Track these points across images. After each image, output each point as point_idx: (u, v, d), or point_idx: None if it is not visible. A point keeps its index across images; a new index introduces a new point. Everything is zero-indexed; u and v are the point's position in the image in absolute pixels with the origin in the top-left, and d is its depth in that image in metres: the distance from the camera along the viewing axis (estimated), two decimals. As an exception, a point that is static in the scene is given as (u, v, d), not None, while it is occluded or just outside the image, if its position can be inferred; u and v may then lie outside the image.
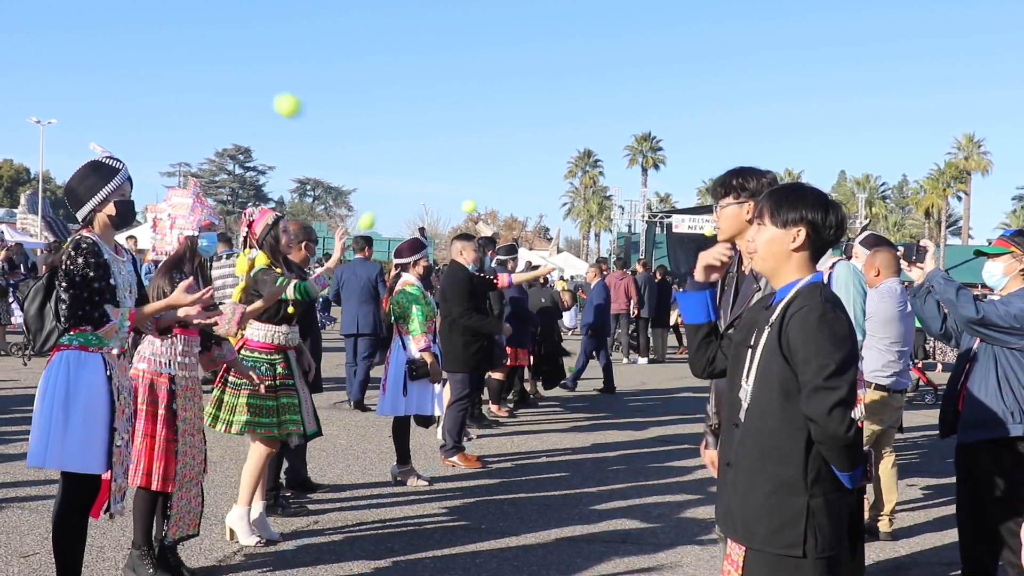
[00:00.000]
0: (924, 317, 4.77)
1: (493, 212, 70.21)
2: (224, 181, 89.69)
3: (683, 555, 5.44)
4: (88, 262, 3.90)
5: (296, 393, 5.42)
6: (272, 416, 5.28)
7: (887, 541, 5.90)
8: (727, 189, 3.47)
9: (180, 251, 4.61)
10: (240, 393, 5.23)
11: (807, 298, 2.57)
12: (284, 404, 5.33)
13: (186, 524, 4.68)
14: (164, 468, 4.48)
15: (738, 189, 3.43)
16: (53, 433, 3.87)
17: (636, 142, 70.23)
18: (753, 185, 3.40)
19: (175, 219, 4.61)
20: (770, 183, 3.38)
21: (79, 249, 3.92)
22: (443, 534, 5.68)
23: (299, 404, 5.41)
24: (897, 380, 5.89)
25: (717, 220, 3.53)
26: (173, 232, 4.60)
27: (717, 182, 3.53)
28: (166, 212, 4.63)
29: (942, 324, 4.82)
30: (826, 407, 2.44)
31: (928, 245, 4.61)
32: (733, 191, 3.45)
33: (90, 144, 4.14)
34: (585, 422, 10.32)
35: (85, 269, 3.89)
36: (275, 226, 5.42)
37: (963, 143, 62.45)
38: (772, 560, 2.55)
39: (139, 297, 4.22)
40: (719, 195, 3.50)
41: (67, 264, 3.90)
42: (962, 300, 4.45)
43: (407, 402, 6.89)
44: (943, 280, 4.50)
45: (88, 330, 3.95)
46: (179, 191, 4.74)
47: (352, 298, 10.53)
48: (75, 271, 3.89)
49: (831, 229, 2.67)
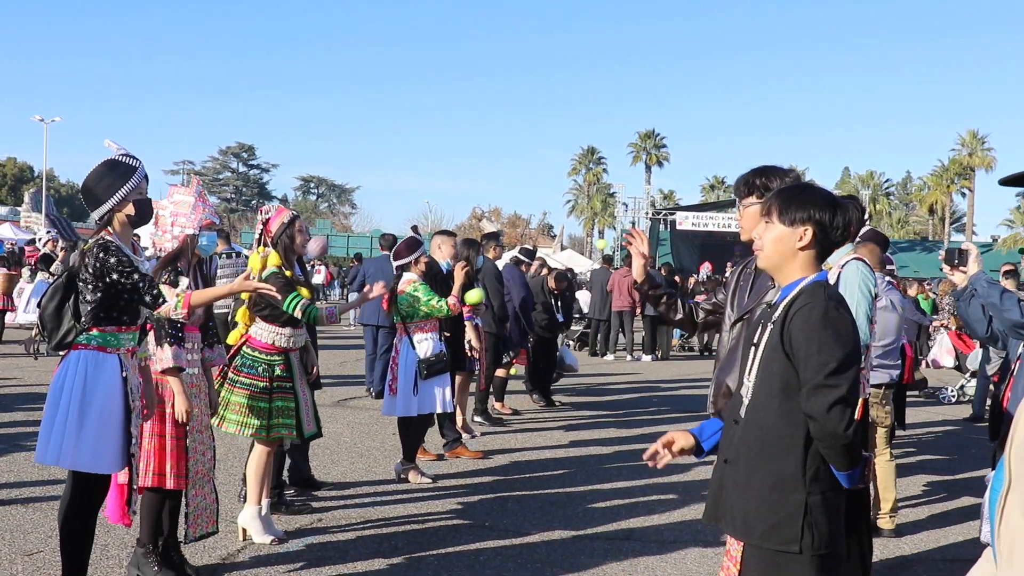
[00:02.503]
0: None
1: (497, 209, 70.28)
2: (228, 179, 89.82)
3: (687, 553, 5.43)
4: (117, 260, 3.91)
5: (294, 396, 5.39)
6: (263, 418, 5.24)
7: (891, 538, 5.89)
8: (751, 188, 3.47)
9: (179, 248, 4.59)
10: (235, 390, 5.23)
11: (810, 296, 2.58)
12: (278, 407, 5.29)
13: (204, 521, 4.69)
14: (177, 466, 4.48)
15: (762, 188, 3.43)
16: (68, 432, 3.88)
17: (640, 139, 70.16)
18: (776, 184, 3.40)
19: (176, 216, 4.60)
20: (793, 181, 3.37)
21: (107, 250, 3.93)
22: (447, 531, 5.68)
23: (296, 407, 5.38)
24: (874, 374, 5.86)
25: (740, 219, 3.53)
26: (174, 229, 4.59)
27: (740, 181, 3.54)
28: (168, 209, 4.62)
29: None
30: (826, 405, 2.45)
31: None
32: (756, 190, 3.45)
33: (105, 141, 4.14)
34: (588, 419, 10.32)
35: (117, 267, 3.91)
36: (291, 225, 5.42)
37: (967, 139, 62.22)
38: (769, 556, 2.56)
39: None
40: (742, 194, 3.50)
41: (95, 265, 3.92)
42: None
43: (419, 401, 6.90)
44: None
45: (108, 330, 3.97)
46: (181, 188, 4.74)
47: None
48: (105, 271, 3.90)
49: (838, 230, 2.68)
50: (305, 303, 5.25)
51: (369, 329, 11.29)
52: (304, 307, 5.23)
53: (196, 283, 4.63)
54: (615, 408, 11.30)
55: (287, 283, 5.26)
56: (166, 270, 4.53)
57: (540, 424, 9.89)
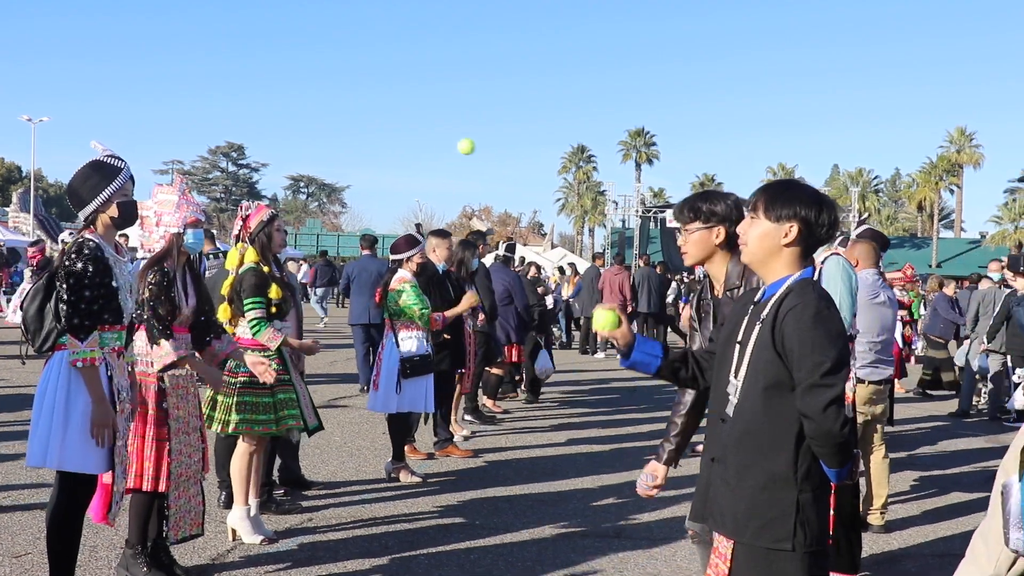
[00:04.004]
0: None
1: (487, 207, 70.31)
2: (217, 179, 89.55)
3: (676, 549, 5.45)
4: (91, 265, 3.89)
5: (293, 388, 5.41)
6: (269, 412, 5.26)
7: (880, 534, 5.91)
8: (696, 214, 3.42)
9: (165, 248, 4.56)
10: (235, 392, 5.22)
11: (800, 295, 2.58)
12: (281, 400, 5.31)
13: (187, 524, 4.66)
14: (154, 468, 4.45)
15: (708, 214, 3.39)
16: (53, 433, 3.86)
17: (630, 137, 70.33)
18: (722, 209, 3.38)
19: (161, 216, 4.58)
20: (735, 204, 3.38)
21: (82, 251, 3.91)
22: (437, 530, 5.68)
23: (297, 399, 5.41)
24: (872, 371, 5.88)
25: (684, 244, 3.46)
26: (159, 229, 4.57)
27: (684, 205, 3.47)
28: (152, 209, 4.60)
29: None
30: (822, 404, 2.45)
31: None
32: (702, 215, 3.40)
33: (91, 142, 4.13)
34: (579, 418, 10.33)
35: (89, 271, 3.88)
36: (269, 223, 5.42)
37: (955, 136, 62.49)
38: (761, 554, 2.56)
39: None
40: (687, 219, 3.44)
41: (70, 266, 3.90)
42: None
43: (400, 400, 6.90)
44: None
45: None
46: (165, 188, 4.70)
47: (362, 291, 11.26)
48: (78, 273, 3.88)
49: (824, 228, 2.67)
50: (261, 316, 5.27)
51: (357, 329, 11.47)
52: (257, 322, 5.26)
53: (185, 282, 4.62)
54: (605, 406, 11.32)
55: (261, 280, 5.28)
56: (152, 269, 4.50)
57: (530, 422, 9.90)
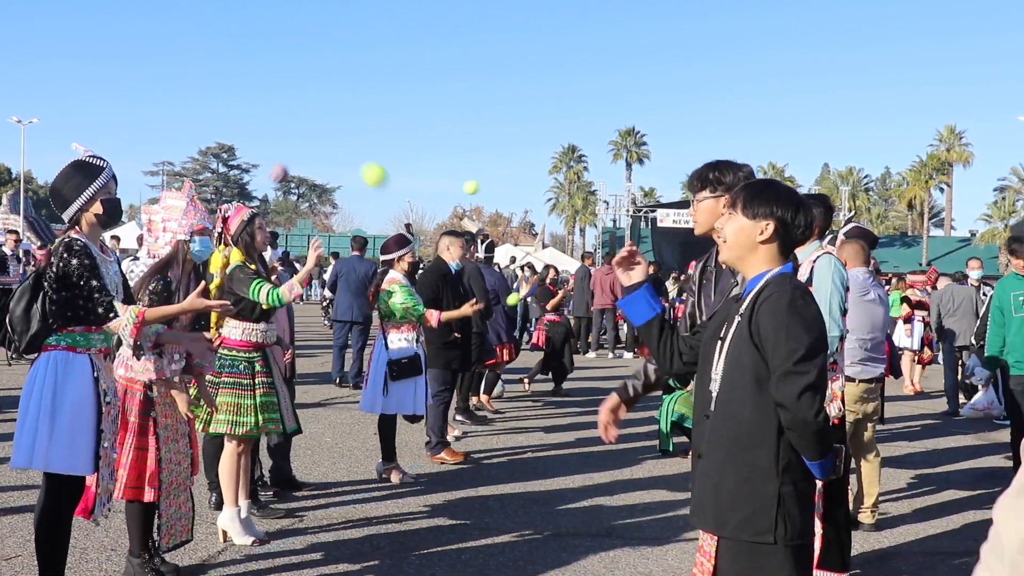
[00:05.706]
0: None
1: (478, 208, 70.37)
2: (208, 179, 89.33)
3: (668, 549, 5.46)
4: (79, 263, 3.88)
5: (275, 391, 5.39)
6: (251, 415, 5.24)
7: (870, 532, 5.93)
8: (704, 182, 3.48)
9: (171, 254, 4.52)
10: (217, 392, 5.20)
11: (777, 286, 2.62)
12: (263, 402, 5.29)
13: (179, 531, 4.64)
14: (137, 477, 4.40)
15: (715, 183, 3.45)
16: (39, 434, 3.84)
17: (620, 137, 70.32)
18: (729, 179, 3.42)
19: (167, 222, 4.54)
20: (746, 176, 3.40)
21: (71, 250, 3.90)
22: (429, 531, 5.68)
23: (279, 401, 5.39)
24: (863, 369, 5.89)
25: (694, 213, 3.54)
26: (166, 235, 4.53)
27: (694, 175, 3.54)
28: (159, 215, 4.57)
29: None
30: (796, 391, 2.47)
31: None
32: (710, 184, 3.47)
33: (72, 144, 4.12)
34: (570, 418, 10.34)
35: (77, 270, 3.87)
36: (250, 223, 5.39)
37: (945, 135, 62.69)
38: (744, 548, 2.58)
39: (125, 297, 4.19)
40: (696, 188, 3.52)
41: (58, 265, 3.88)
42: None
43: (386, 402, 6.89)
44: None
45: (77, 331, 3.93)
46: (173, 193, 4.65)
47: (348, 290, 11.98)
48: (67, 272, 3.87)
49: (800, 228, 2.72)
50: (269, 287, 5.23)
51: (340, 325, 12.13)
52: (268, 290, 5.21)
53: (189, 291, 4.54)
54: (596, 406, 11.28)
55: (252, 275, 5.25)
56: (154, 277, 4.45)
57: (522, 422, 9.90)
